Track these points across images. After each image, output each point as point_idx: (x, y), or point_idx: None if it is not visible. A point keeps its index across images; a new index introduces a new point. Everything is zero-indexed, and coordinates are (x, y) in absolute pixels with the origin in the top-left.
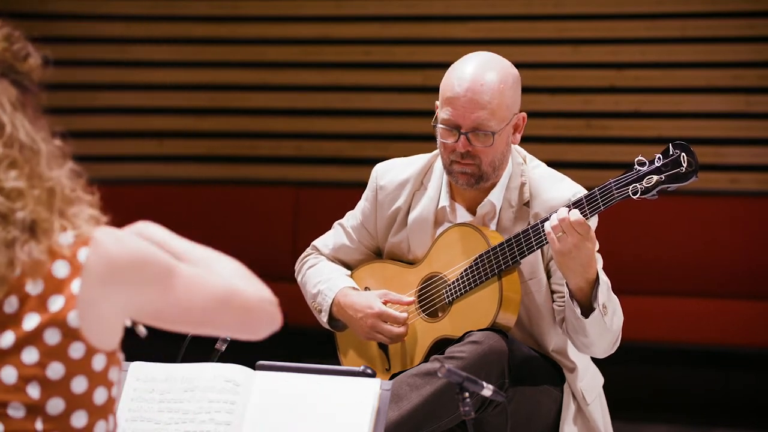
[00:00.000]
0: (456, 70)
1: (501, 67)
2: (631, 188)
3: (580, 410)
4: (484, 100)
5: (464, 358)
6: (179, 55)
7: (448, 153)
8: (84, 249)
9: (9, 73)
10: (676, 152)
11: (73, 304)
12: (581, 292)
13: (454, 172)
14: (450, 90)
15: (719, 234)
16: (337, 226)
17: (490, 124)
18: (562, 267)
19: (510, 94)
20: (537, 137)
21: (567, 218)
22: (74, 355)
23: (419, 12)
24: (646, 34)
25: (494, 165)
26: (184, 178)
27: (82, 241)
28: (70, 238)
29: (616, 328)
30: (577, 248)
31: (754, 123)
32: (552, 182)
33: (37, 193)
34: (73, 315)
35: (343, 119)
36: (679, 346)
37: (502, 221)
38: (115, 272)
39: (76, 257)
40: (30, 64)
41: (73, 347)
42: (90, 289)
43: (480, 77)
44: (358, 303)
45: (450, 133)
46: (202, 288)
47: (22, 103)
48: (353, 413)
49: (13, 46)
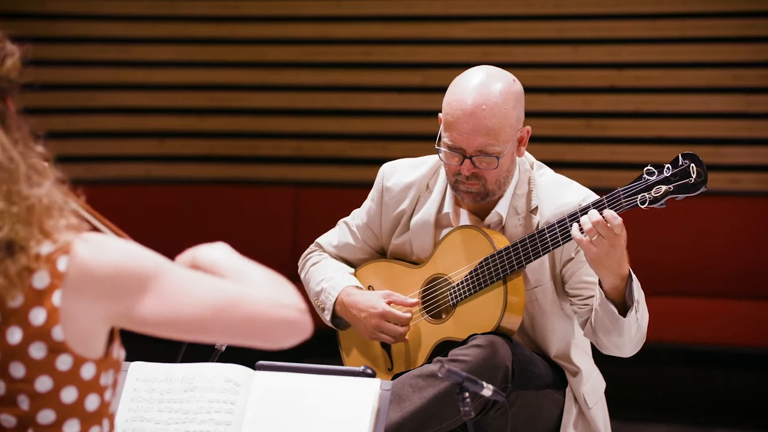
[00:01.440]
0: (457, 92)
1: (503, 85)
2: (640, 198)
3: (581, 414)
4: (487, 126)
5: (468, 361)
6: (179, 55)
7: (453, 173)
8: (63, 258)
9: None
10: (685, 162)
11: (56, 318)
12: (616, 291)
13: (459, 191)
14: (452, 115)
15: (719, 234)
16: (342, 224)
17: (494, 149)
18: (598, 268)
19: (513, 114)
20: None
21: (601, 220)
22: (62, 367)
23: (419, 12)
24: (646, 34)
25: (500, 183)
26: (184, 178)
27: (62, 250)
28: (49, 247)
29: (644, 325)
30: (614, 247)
31: (754, 123)
32: (560, 188)
33: (15, 210)
34: (58, 329)
35: (343, 119)
36: (679, 346)
37: (508, 229)
38: (91, 282)
39: (56, 267)
40: (7, 67)
41: (60, 360)
42: (71, 300)
43: (482, 101)
44: (362, 303)
45: (453, 156)
46: (193, 295)
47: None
48: (353, 413)
49: None
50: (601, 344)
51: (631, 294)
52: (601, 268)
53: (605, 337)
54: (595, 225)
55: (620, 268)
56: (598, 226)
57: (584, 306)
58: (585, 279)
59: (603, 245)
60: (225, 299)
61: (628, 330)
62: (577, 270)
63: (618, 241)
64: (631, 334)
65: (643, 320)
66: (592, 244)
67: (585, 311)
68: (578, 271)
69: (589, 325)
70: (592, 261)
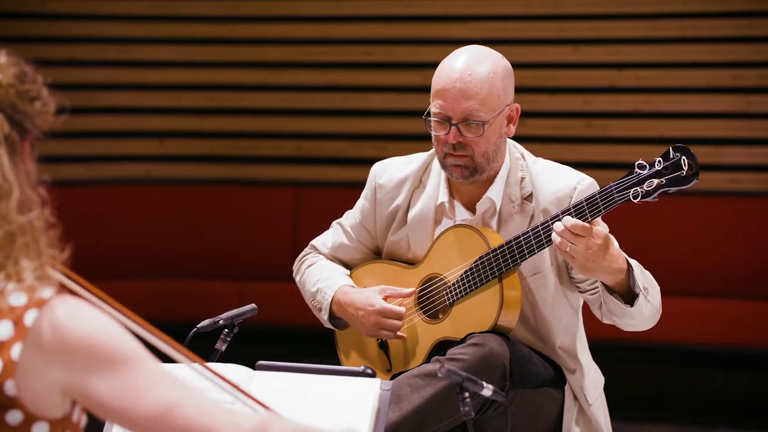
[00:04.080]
0: (445, 63)
1: (491, 58)
2: (632, 192)
3: (582, 411)
4: (473, 90)
5: (465, 360)
6: (179, 55)
7: (441, 145)
8: (33, 312)
9: (7, 109)
10: (676, 155)
11: (11, 372)
12: (618, 285)
13: (448, 166)
14: (439, 82)
15: (719, 234)
16: (336, 226)
17: (480, 114)
18: (588, 274)
19: (500, 84)
20: (537, 137)
21: (563, 227)
22: (11, 421)
23: (419, 12)
24: (646, 34)
25: (488, 156)
26: (184, 178)
27: (34, 303)
28: (22, 299)
29: (657, 301)
30: (590, 250)
31: (754, 123)
32: (554, 173)
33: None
34: (10, 384)
35: (343, 119)
36: (679, 346)
37: (503, 217)
38: (60, 347)
39: (22, 320)
40: (35, 108)
41: (10, 415)
42: (31, 358)
43: (469, 68)
44: (359, 301)
45: (441, 125)
46: (152, 392)
47: (11, 140)
48: (353, 413)
49: (23, 85)
50: (618, 325)
51: (636, 283)
52: (591, 272)
53: (620, 320)
54: (561, 234)
55: (612, 266)
56: (564, 234)
57: (594, 291)
58: None
59: (576, 251)
60: (168, 405)
61: (639, 314)
62: None
63: (591, 243)
64: (644, 315)
65: (655, 297)
66: (570, 254)
67: (596, 297)
68: None
69: (603, 310)
70: (580, 268)
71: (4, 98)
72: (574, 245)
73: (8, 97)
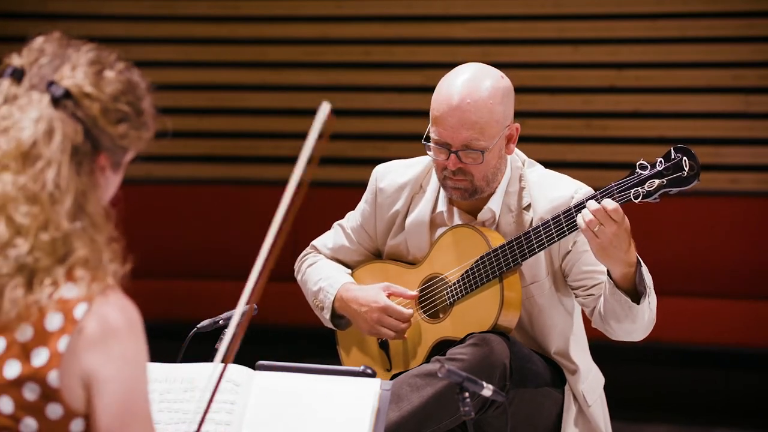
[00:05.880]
0: (444, 86)
1: (490, 81)
2: (633, 192)
3: (581, 412)
4: (471, 119)
5: (466, 360)
6: (179, 55)
7: (441, 169)
8: (83, 305)
9: (87, 121)
10: (677, 156)
11: (56, 362)
12: (625, 279)
13: (447, 188)
14: (438, 109)
15: (719, 234)
16: (337, 227)
17: (479, 143)
18: (604, 259)
19: (500, 109)
20: (537, 137)
21: (601, 208)
22: (51, 416)
23: (419, 12)
24: (646, 34)
25: (487, 179)
26: (184, 178)
27: (84, 298)
28: (73, 291)
29: (653, 311)
30: (617, 237)
31: (754, 123)
32: (551, 183)
33: (45, 238)
34: (54, 375)
35: (343, 119)
36: (679, 346)
37: (501, 226)
38: (101, 339)
39: (72, 312)
40: (118, 129)
41: (50, 408)
42: (75, 350)
43: (467, 95)
44: (363, 297)
45: (440, 151)
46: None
47: (81, 151)
48: (353, 413)
49: (114, 103)
50: (611, 332)
51: (642, 280)
52: (607, 258)
53: (617, 325)
54: (594, 214)
55: (627, 255)
56: (599, 214)
57: (589, 296)
58: (585, 269)
59: (605, 234)
60: None
61: (641, 316)
62: (576, 261)
63: (620, 230)
64: (644, 319)
65: (653, 304)
66: (596, 234)
67: (591, 300)
68: (578, 262)
69: (597, 314)
70: (598, 251)
71: (87, 110)
72: (603, 227)
73: (91, 110)
